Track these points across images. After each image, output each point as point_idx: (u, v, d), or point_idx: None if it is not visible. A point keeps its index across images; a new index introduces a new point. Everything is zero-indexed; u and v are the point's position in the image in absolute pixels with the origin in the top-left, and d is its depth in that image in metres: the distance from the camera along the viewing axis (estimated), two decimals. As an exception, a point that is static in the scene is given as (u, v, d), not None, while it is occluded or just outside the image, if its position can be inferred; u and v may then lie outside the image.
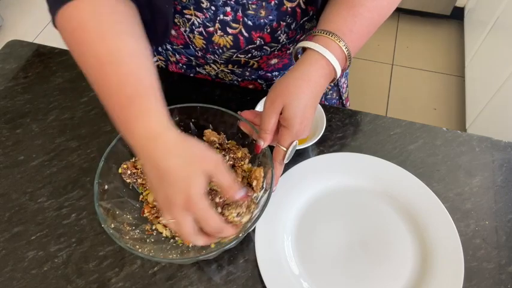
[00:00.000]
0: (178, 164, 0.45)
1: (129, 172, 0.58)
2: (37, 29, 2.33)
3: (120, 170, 0.58)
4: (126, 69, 0.47)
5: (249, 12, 0.63)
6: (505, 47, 1.55)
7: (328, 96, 0.87)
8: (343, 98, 0.90)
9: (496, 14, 1.70)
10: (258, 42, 0.68)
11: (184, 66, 0.79)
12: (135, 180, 0.58)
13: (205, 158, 0.46)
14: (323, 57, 0.54)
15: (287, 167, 0.65)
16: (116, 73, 0.47)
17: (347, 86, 0.92)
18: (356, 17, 0.56)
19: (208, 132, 0.63)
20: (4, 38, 2.23)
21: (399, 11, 2.33)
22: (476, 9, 2.04)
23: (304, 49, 0.57)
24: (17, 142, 0.71)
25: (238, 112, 0.60)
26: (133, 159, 0.59)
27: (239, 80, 0.79)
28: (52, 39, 2.19)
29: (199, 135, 0.63)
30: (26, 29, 2.33)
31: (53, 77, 0.80)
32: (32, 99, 0.77)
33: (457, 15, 2.23)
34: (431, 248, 0.59)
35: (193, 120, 0.63)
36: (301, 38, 0.71)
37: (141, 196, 0.60)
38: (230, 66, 0.75)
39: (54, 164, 0.68)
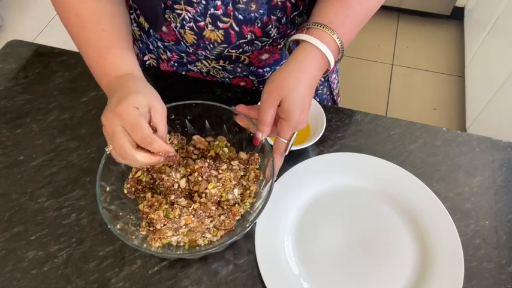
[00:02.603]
0: (140, 85, 0.53)
1: (133, 190, 0.58)
2: (37, 29, 2.33)
3: (125, 191, 0.58)
4: (103, 26, 0.57)
5: (240, 6, 0.64)
6: (505, 47, 1.55)
7: (319, 91, 0.87)
8: (334, 94, 0.90)
9: (496, 14, 1.70)
10: (249, 36, 0.68)
11: (175, 64, 0.79)
12: (138, 195, 0.59)
13: (157, 98, 0.53)
14: (317, 49, 0.55)
15: (287, 167, 0.65)
16: (95, 29, 0.57)
17: (338, 82, 0.92)
18: (348, 10, 0.57)
19: (197, 139, 0.63)
20: (4, 38, 2.23)
21: (399, 11, 2.33)
22: (476, 9, 2.04)
23: (297, 42, 0.57)
24: (17, 142, 0.71)
25: (233, 107, 0.60)
26: (131, 175, 0.59)
27: (231, 77, 0.80)
28: (52, 39, 2.20)
29: (196, 134, 0.64)
30: (26, 29, 2.33)
31: (53, 77, 0.80)
32: (32, 99, 0.77)
33: (457, 15, 2.23)
34: (431, 248, 0.59)
35: (188, 117, 0.63)
36: (294, 32, 0.72)
37: (141, 205, 0.59)
38: (221, 62, 0.75)
39: (54, 164, 0.68)
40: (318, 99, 0.87)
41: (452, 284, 0.55)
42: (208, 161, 0.58)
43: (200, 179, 0.56)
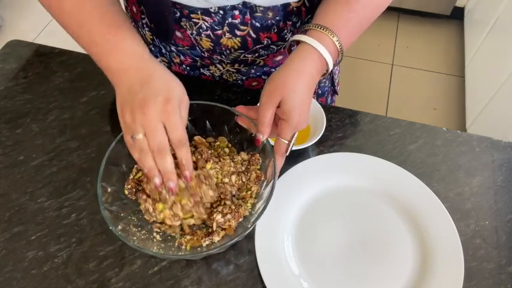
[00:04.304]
0: (164, 70, 0.52)
1: (134, 190, 0.58)
2: (37, 29, 2.33)
3: (126, 192, 0.58)
4: (104, 8, 0.54)
5: (257, 14, 0.64)
6: (505, 47, 1.55)
7: (322, 84, 0.87)
8: (335, 84, 0.91)
9: (496, 14, 1.70)
10: (265, 42, 0.69)
11: (187, 68, 0.79)
12: (140, 196, 0.59)
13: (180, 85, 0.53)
14: (316, 51, 0.55)
15: (288, 166, 0.65)
16: (96, 8, 0.54)
17: (339, 72, 0.93)
18: (351, 13, 0.57)
19: (198, 139, 0.63)
20: (4, 38, 2.23)
21: (399, 11, 2.33)
22: (476, 9, 2.04)
23: (297, 42, 0.58)
24: (17, 142, 0.71)
25: (233, 108, 0.60)
26: (131, 176, 0.59)
27: (243, 78, 0.80)
28: (52, 39, 2.20)
29: (197, 135, 0.64)
30: (26, 29, 2.33)
31: (53, 77, 0.80)
32: (32, 99, 0.77)
33: (457, 15, 2.23)
34: (431, 248, 0.59)
35: (189, 118, 0.63)
36: (296, 32, 0.72)
37: (142, 206, 0.59)
38: (236, 66, 0.75)
39: (54, 164, 0.68)
40: (320, 92, 0.88)
41: (452, 284, 0.55)
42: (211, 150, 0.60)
43: (200, 157, 0.57)
